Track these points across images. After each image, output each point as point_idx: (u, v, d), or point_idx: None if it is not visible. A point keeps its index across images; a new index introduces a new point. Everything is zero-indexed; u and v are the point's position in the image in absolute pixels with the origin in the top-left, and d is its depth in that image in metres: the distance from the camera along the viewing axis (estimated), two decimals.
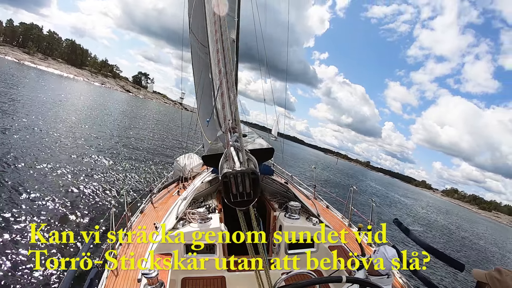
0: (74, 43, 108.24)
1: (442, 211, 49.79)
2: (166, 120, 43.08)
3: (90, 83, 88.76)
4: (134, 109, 45.91)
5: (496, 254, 20.34)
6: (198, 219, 3.08)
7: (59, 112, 19.92)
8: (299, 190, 4.97)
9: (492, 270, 1.39)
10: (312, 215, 3.61)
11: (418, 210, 34.52)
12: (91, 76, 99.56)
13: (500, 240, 32.25)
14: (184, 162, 5.58)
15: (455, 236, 21.88)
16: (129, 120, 28.34)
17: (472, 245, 20.22)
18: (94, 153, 11.47)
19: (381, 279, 2.01)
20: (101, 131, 16.88)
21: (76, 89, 50.25)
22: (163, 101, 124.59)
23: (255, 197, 1.26)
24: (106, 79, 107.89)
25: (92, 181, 8.41)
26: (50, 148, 10.45)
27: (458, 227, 30.05)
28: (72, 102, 29.40)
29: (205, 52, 4.14)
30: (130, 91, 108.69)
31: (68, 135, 13.29)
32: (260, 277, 1.64)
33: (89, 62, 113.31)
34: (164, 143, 19.48)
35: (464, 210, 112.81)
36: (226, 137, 1.28)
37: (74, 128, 15.70)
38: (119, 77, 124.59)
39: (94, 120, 20.65)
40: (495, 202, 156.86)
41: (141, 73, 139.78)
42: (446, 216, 40.46)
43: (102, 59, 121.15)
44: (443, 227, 25.08)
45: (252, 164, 1.28)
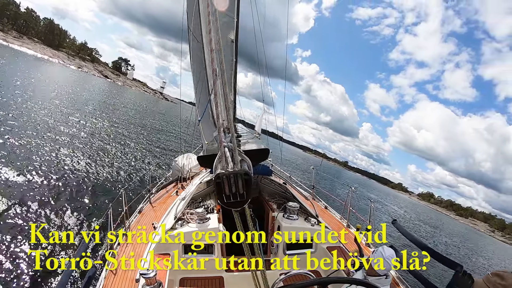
0: (52, 22, 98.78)
1: (426, 217, 49.67)
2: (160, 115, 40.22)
3: (66, 66, 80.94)
4: (111, 99, 37.85)
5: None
6: (197, 219, 3.08)
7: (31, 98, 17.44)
8: (298, 190, 4.96)
9: (490, 276, 1.30)
10: (310, 216, 3.61)
11: (407, 218, 34.55)
12: (68, 59, 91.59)
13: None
14: (182, 162, 5.58)
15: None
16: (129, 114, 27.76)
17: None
18: (91, 152, 11.46)
19: (379, 279, 2.01)
20: (92, 127, 16.76)
21: (49, 73, 43.66)
22: (143, 90, 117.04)
23: (248, 198, 1.26)
24: (84, 62, 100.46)
25: (91, 181, 8.41)
26: (42, 146, 10.44)
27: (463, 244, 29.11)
28: (41, 89, 24.18)
29: (202, 52, 4.14)
30: (108, 77, 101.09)
31: (52, 131, 13.25)
32: (258, 277, 1.64)
33: (66, 44, 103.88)
34: (161, 143, 19.47)
35: (444, 216, 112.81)
36: (219, 137, 1.28)
37: (53, 119, 14.62)
38: (98, 61, 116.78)
39: (68, 113, 17.59)
40: (471, 208, 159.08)
41: (122, 59, 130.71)
42: (434, 225, 39.92)
43: (81, 42, 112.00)
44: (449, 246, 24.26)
45: (245, 165, 1.28)
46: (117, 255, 2.81)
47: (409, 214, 42.45)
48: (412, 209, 62.55)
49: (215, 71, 1.13)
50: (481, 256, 26.09)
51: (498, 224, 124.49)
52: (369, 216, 4.00)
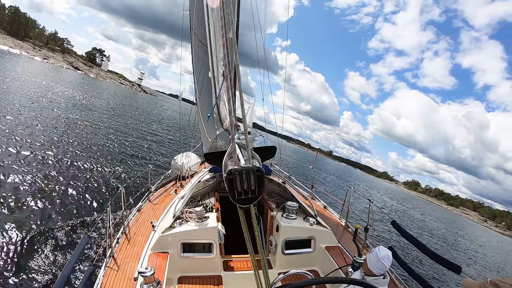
0: (17, 10, 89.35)
1: (426, 210, 48.65)
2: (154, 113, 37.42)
3: (30, 57, 71.88)
4: (82, 94, 31.70)
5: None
6: (195, 218, 3.07)
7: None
8: (297, 190, 4.97)
9: (488, 284, 1.33)
10: (309, 215, 3.61)
11: (412, 214, 34.07)
12: (33, 50, 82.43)
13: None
14: (182, 160, 5.56)
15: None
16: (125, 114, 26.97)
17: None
18: (87, 151, 11.36)
19: (377, 279, 2.01)
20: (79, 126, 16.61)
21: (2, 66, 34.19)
22: (118, 82, 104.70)
23: (260, 194, 1.26)
24: (52, 53, 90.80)
25: (90, 180, 8.33)
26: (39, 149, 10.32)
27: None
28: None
29: (205, 50, 4.13)
30: (79, 69, 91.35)
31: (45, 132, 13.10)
32: (258, 276, 1.64)
33: (33, 34, 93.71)
34: (160, 142, 19.37)
35: (437, 207, 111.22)
36: (231, 133, 1.27)
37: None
38: (70, 52, 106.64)
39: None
40: (459, 197, 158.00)
41: (96, 49, 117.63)
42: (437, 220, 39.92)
43: (51, 31, 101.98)
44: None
45: (256, 161, 1.27)
46: (115, 254, 2.79)
47: (408, 209, 40.79)
48: (410, 202, 60.68)
49: (227, 66, 1.12)
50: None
51: (489, 213, 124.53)
52: (368, 216, 4.01)
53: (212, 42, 1.66)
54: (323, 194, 6.23)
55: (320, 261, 3.39)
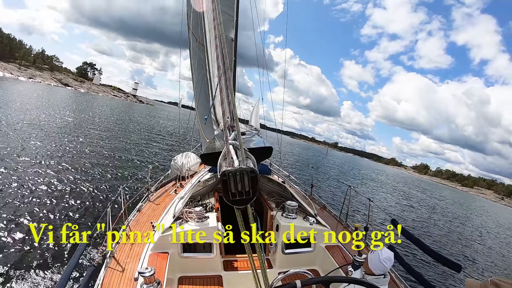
0: (0, 30, 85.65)
1: (451, 199, 44.75)
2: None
3: (14, 78, 69.17)
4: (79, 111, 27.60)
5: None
6: (195, 218, 3.07)
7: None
8: (296, 189, 4.97)
9: (489, 284, 1.28)
10: (309, 215, 3.61)
11: (446, 207, 29.59)
12: (18, 70, 79.40)
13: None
14: (181, 161, 5.56)
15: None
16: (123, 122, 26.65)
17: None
18: (86, 152, 11.39)
19: (377, 279, 2.01)
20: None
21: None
22: (112, 94, 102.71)
23: (254, 196, 1.25)
24: (39, 72, 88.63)
25: (89, 180, 8.35)
26: (44, 145, 10.35)
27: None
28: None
29: (203, 51, 4.13)
30: (69, 85, 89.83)
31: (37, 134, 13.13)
32: (256, 276, 1.64)
33: (18, 54, 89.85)
34: (160, 142, 19.40)
35: (453, 190, 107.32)
36: (225, 134, 1.27)
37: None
38: (59, 69, 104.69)
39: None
40: (471, 176, 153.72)
41: (86, 63, 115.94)
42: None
43: (38, 50, 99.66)
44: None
45: (251, 162, 1.27)
46: (116, 254, 2.80)
47: (433, 199, 35.43)
48: (428, 188, 56.01)
49: (221, 67, 1.12)
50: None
51: (505, 190, 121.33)
52: (368, 215, 4.01)
53: (208, 43, 1.66)
54: (323, 194, 6.24)
55: (320, 261, 3.38)
